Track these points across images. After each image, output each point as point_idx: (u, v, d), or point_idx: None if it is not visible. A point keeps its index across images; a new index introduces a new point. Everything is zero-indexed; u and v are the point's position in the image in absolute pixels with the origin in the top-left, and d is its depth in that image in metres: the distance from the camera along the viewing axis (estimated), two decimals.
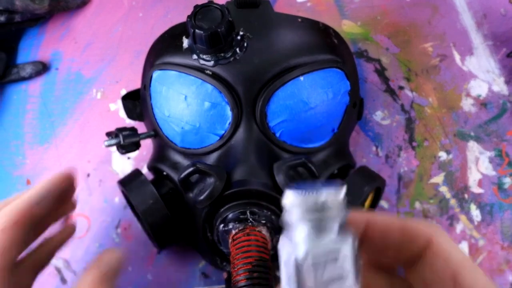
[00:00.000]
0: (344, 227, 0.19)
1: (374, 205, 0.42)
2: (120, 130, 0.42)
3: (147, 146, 0.50)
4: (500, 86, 0.50)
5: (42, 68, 0.54)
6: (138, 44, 0.54)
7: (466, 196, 0.48)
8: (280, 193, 0.35)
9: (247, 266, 0.30)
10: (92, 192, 0.50)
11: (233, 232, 0.33)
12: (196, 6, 0.35)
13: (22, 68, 0.54)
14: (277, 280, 0.26)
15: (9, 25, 0.53)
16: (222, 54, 0.36)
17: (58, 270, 0.49)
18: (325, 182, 0.20)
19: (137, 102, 0.47)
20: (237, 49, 0.36)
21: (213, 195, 0.34)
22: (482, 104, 0.50)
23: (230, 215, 0.34)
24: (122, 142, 0.41)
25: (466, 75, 0.51)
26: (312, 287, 0.18)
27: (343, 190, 0.20)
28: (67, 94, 0.54)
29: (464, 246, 0.46)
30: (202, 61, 0.37)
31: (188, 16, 0.35)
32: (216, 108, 0.37)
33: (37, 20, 0.55)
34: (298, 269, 0.18)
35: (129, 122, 0.52)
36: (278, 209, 0.35)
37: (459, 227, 0.47)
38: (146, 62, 0.43)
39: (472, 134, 0.49)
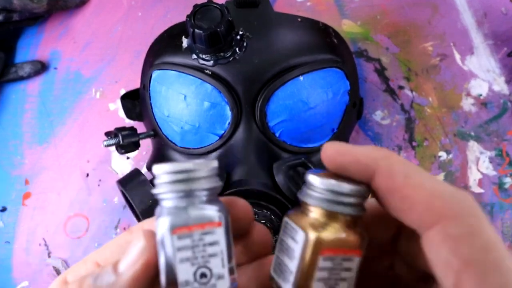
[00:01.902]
0: (215, 201, 0.19)
1: None
2: (119, 130, 0.42)
3: (146, 146, 0.50)
4: (500, 86, 0.50)
5: (41, 67, 0.54)
6: (138, 44, 0.54)
7: None
8: (280, 193, 0.35)
9: None
10: (91, 192, 0.50)
11: None
12: (195, 6, 0.35)
13: (21, 68, 0.53)
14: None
15: (7, 24, 0.52)
16: (222, 54, 0.36)
17: (57, 270, 0.48)
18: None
19: (136, 102, 0.46)
20: (237, 49, 0.36)
21: None
22: (483, 103, 0.50)
23: None
24: (121, 142, 0.41)
25: (467, 75, 0.51)
26: (186, 261, 0.18)
27: (214, 163, 0.19)
28: (66, 93, 0.54)
29: None
30: (201, 61, 0.37)
31: (188, 16, 0.35)
32: (216, 108, 0.37)
33: (36, 19, 0.55)
34: (165, 243, 0.18)
35: (128, 122, 0.51)
36: (278, 209, 0.35)
37: None
38: (146, 62, 0.43)
39: (472, 134, 0.49)
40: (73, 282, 0.19)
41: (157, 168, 0.19)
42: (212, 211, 0.18)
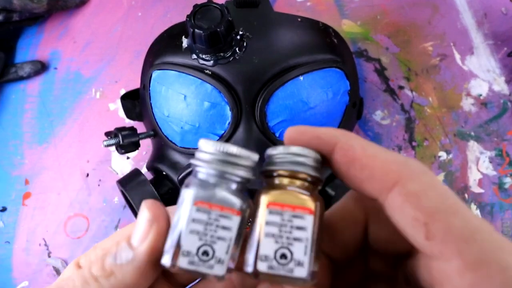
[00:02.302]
0: (243, 193, 0.20)
1: None
2: (119, 130, 0.42)
3: (146, 146, 0.50)
4: (500, 86, 0.50)
5: (41, 67, 0.54)
6: (138, 44, 0.54)
7: (466, 196, 0.48)
8: None
9: None
10: (91, 192, 0.50)
11: None
12: (195, 6, 0.35)
13: (21, 68, 0.53)
14: None
15: (7, 24, 0.52)
16: (222, 54, 0.36)
17: (57, 270, 0.48)
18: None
19: (136, 102, 0.46)
20: (237, 49, 0.36)
21: None
22: (483, 103, 0.50)
23: None
24: (121, 142, 0.41)
25: (467, 75, 0.51)
26: (196, 234, 0.19)
27: (256, 156, 0.20)
28: (66, 93, 0.54)
29: None
30: (201, 61, 0.37)
31: (188, 16, 0.35)
32: (216, 108, 0.37)
33: (36, 19, 0.55)
34: (184, 210, 0.19)
35: (128, 122, 0.51)
36: None
37: None
38: (145, 62, 0.43)
39: (472, 133, 0.49)
40: (90, 263, 0.20)
41: (204, 142, 0.20)
42: (236, 199, 0.19)
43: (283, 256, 0.18)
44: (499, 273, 0.14)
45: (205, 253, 0.19)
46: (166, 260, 0.19)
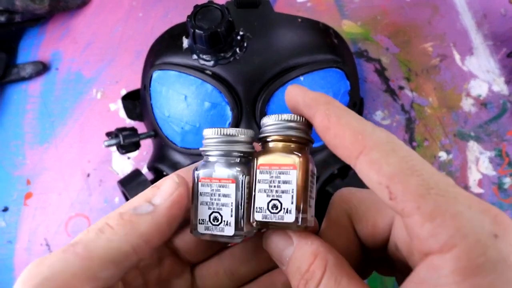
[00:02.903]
0: (240, 163, 0.23)
1: None
2: (120, 130, 0.42)
3: (147, 146, 0.50)
4: (500, 86, 0.50)
5: (42, 68, 0.54)
6: (138, 44, 0.54)
7: None
8: None
9: None
10: (92, 192, 0.50)
11: None
12: (196, 6, 0.35)
13: (22, 68, 0.54)
14: None
15: (9, 25, 0.53)
16: (222, 54, 0.36)
17: None
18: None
19: (137, 102, 0.47)
20: (237, 49, 0.37)
21: None
22: (482, 104, 0.50)
23: None
24: (122, 142, 0.41)
25: (466, 75, 0.51)
26: (205, 204, 0.23)
27: (250, 132, 0.24)
28: (67, 94, 0.54)
29: None
30: (202, 61, 0.37)
31: (188, 16, 0.35)
32: (216, 108, 0.37)
33: (37, 20, 0.55)
34: (194, 187, 0.23)
35: (129, 122, 0.52)
36: None
37: None
38: (146, 62, 0.43)
39: (472, 134, 0.49)
40: (107, 218, 0.21)
41: (205, 130, 0.24)
42: (230, 171, 0.23)
43: (275, 206, 0.22)
44: (452, 220, 0.16)
45: (215, 218, 0.23)
46: (191, 228, 0.23)
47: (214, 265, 0.26)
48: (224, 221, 0.23)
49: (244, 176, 0.23)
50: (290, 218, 0.22)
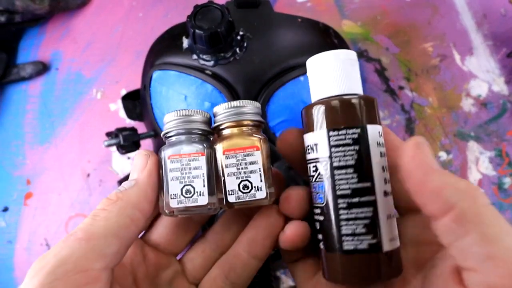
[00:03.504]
0: (206, 140, 0.25)
1: None
2: (120, 130, 0.42)
3: (147, 146, 0.50)
4: (500, 86, 0.50)
5: (42, 68, 0.54)
6: (138, 44, 0.54)
7: None
8: None
9: None
10: (92, 192, 0.50)
11: None
12: (196, 6, 0.35)
13: (22, 68, 0.54)
14: (276, 278, 0.27)
15: (9, 25, 0.53)
16: (222, 54, 0.36)
17: None
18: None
19: (137, 102, 0.47)
20: (237, 49, 0.37)
21: None
22: (482, 104, 0.50)
23: None
24: (122, 142, 0.41)
25: (466, 75, 0.51)
26: (176, 179, 0.24)
27: (208, 114, 0.26)
28: (67, 94, 0.54)
29: None
30: (202, 61, 0.37)
31: (188, 16, 0.35)
32: None
33: (37, 20, 0.55)
34: (163, 164, 0.24)
35: (129, 122, 0.52)
36: None
37: None
38: (146, 62, 0.43)
39: (472, 134, 0.49)
40: (100, 204, 0.23)
41: (166, 116, 0.25)
42: (198, 146, 0.24)
43: (245, 186, 0.24)
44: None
45: (188, 191, 0.24)
46: (162, 209, 0.24)
47: (201, 245, 0.28)
48: (197, 191, 0.24)
49: (210, 151, 0.25)
50: (261, 194, 0.24)
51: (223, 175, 0.24)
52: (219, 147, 0.24)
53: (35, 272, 0.20)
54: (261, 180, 0.24)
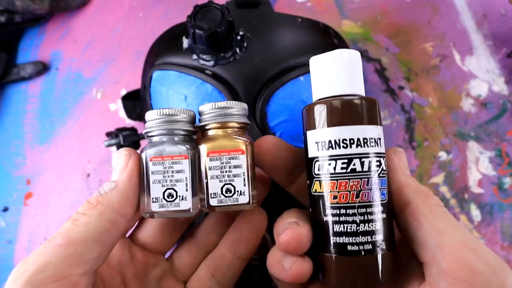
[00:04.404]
0: (189, 141, 0.24)
1: None
2: (120, 130, 0.42)
3: None
4: (500, 86, 0.50)
5: (42, 68, 0.54)
6: (138, 44, 0.54)
7: (466, 196, 0.48)
8: (280, 192, 0.35)
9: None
10: (92, 192, 0.50)
11: None
12: (196, 6, 0.35)
13: (22, 68, 0.54)
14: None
15: (9, 25, 0.53)
16: (222, 54, 0.36)
17: None
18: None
19: (137, 102, 0.47)
20: (237, 49, 0.37)
21: None
22: (482, 104, 0.50)
23: None
24: (122, 142, 0.41)
25: (466, 75, 0.51)
26: (158, 182, 0.23)
27: (193, 113, 0.25)
28: (67, 94, 0.54)
29: None
30: (202, 61, 0.37)
31: (188, 16, 0.35)
32: None
33: (37, 20, 0.55)
34: (145, 166, 0.23)
35: (129, 122, 0.52)
36: (278, 208, 0.35)
37: None
38: (146, 62, 0.43)
39: (472, 134, 0.49)
40: (80, 207, 0.23)
41: (147, 113, 0.24)
42: (181, 148, 0.23)
43: (228, 190, 0.23)
44: None
45: (170, 195, 0.23)
46: (142, 210, 0.23)
47: (188, 244, 0.29)
48: (179, 195, 0.23)
49: (194, 152, 0.24)
50: (244, 199, 0.23)
51: (206, 177, 0.23)
52: (203, 148, 0.24)
53: (13, 279, 0.19)
54: (244, 185, 0.23)
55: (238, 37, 0.37)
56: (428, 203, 0.23)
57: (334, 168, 0.23)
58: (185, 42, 0.38)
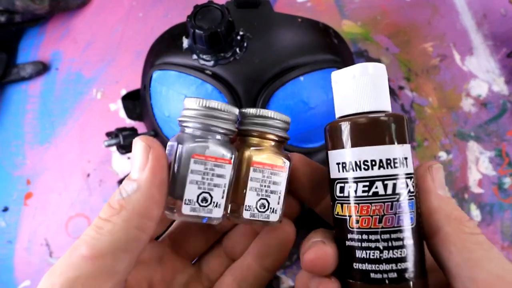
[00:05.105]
0: (230, 143, 0.22)
1: None
2: (120, 130, 0.42)
3: None
4: (500, 86, 0.50)
5: (42, 68, 0.54)
6: (138, 44, 0.54)
7: (466, 196, 0.48)
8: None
9: None
10: (92, 192, 0.50)
11: None
12: (196, 6, 0.35)
13: (22, 68, 0.54)
14: (276, 278, 0.27)
15: (9, 25, 0.53)
16: (222, 54, 0.36)
17: None
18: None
19: (137, 102, 0.47)
20: (237, 49, 0.37)
21: None
22: (482, 104, 0.50)
23: None
24: (122, 142, 0.41)
25: (466, 75, 0.51)
26: (195, 183, 0.21)
27: (236, 109, 0.23)
28: (67, 94, 0.54)
29: None
30: (202, 61, 0.37)
31: (188, 16, 0.35)
32: None
33: (37, 20, 0.55)
34: (183, 163, 0.21)
35: (129, 122, 0.52)
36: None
37: None
38: (146, 62, 0.43)
39: (472, 134, 0.49)
40: (99, 214, 0.21)
41: (189, 100, 0.22)
42: (226, 150, 0.21)
43: (263, 205, 0.22)
44: None
45: (204, 199, 0.21)
46: (166, 207, 0.21)
47: (216, 251, 0.28)
48: (214, 202, 0.21)
49: (235, 156, 0.22)
50: (275, 217, 0.23)
51: (245, 188, 0.22)
52: (248, 157, 0.22)
53: None
54: (278, 203, 0.22)
55: (238, 37, 0.37)
56: (460, 231, 0.21)
57: (356, 191, 0.21)
58: (185, 42, 0.38)
